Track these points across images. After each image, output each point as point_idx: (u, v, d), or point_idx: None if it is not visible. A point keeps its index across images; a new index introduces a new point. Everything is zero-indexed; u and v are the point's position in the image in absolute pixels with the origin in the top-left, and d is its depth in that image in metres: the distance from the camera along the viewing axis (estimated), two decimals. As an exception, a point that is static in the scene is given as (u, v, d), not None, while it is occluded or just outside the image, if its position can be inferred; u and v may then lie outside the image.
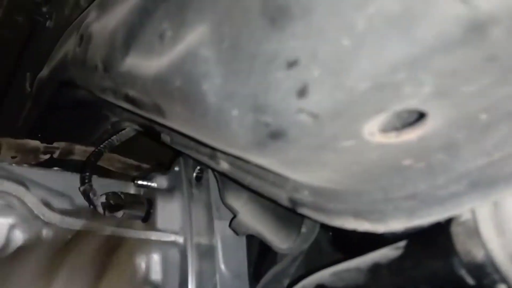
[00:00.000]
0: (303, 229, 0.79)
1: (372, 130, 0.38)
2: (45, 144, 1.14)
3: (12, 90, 1.42)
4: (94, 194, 1.03)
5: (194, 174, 1.09)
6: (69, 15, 1.16)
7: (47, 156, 1.15)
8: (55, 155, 1.17)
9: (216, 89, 0.45)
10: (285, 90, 0.37)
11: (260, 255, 1.03)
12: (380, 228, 0.50)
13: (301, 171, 0.49)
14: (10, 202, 0.80)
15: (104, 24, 0.80)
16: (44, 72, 1.15)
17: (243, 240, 1.05)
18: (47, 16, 1.23)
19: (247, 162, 0.57)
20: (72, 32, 1.00)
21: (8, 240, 0.79)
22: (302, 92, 0.36)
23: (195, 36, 0.50)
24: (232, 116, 0.42)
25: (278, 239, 0.86)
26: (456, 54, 0.29)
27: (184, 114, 0.51)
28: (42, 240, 0.84)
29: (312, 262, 0.91)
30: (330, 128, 0.37)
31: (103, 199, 1.04)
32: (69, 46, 1.00)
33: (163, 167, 1.21)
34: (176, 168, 1.13)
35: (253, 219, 0.89)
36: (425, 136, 0.38)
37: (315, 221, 0.61)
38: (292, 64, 0.36)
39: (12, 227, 0.81)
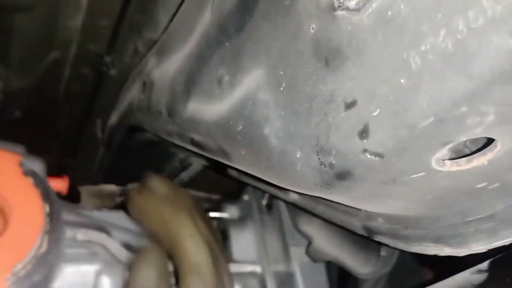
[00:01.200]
0: (383, 252, 0.78)
1: (441, 160, 0.37)
2: (120, 187, 1.20)
3: (85, 138, 1.51)
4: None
5: (264, 202, 1.10)
6: (130, 62, 1.22)
7: (123, 198, 1.20)
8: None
9: (277, 132, 0.45)
10: (346, 131, 0.37)
11: (340, 280, 1.02)
12: (462, 251, 0.48)
13: (373, 204, 0.49)
14: (94, 250, 0.84)
15: (164, 71, 0.84)
16: (113, 118, 1.21)
17: (322, 266, 1.03)
18: (110, 65, 1.30)
19: (316, 194, 0.57)
20: (135, 79, 1.05)
21: (96, 287, 0.82)
22: (363, 133, 0.35)
23: (252, 81, 0.51)
24: (296, 158, 0.43)
25: (357, 264, 0.84)
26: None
27: (248, 157, 0.52)
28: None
29: (397, 281, 0.89)
30: (397, 165, 0.37)
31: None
32: (133, 93, 1.05)
33: (233, 197, 1.23)
34: (246, 197, 1.14)
35: (329, 245, 0.88)
36: (496, 159, 0.36)
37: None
38: (350, 105, 0.36)
39: (98, 273, 0.85)
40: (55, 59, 1.34)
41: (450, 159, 0.38)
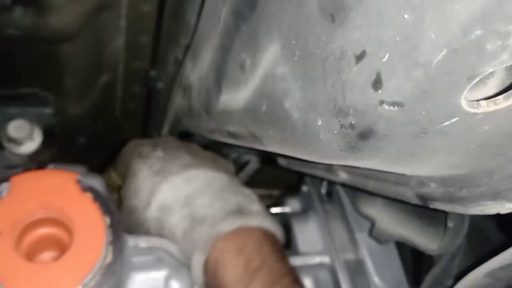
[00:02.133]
0: (450, 224, 0.72)
1: (474, 101, 0.33)
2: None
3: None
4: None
5: (324, 190, 1.07)
6: (173, 71, 1.24)
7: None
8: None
9: (297, 104, 0.43)
10: (360, 85, 0.34)
11: (415, 259, 0.96)
12: (527, 205, 0.43)
13: (414, 164, 0.45)
14: (159, 256, 0.86)
15: (199, 71, 0.84)
16: (165, 129, 1.24)
17: (392, 248, 0.98)
18: (156, 78, 1.33)
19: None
20: (177, 87, 1.07)
21: (167, 292, 0.84)
22: (377, 83, 0.33)
23: (269, 57, 0.50)
24: (318, 126, 0.40)
25: (425, 240, 0.79)
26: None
27: (276, 136, 0.50)
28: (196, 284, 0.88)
29: (479, 251, 0.82)
30: (422, 112, 0.33)
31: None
32: (177, 100, 1.07)
33: (293, 190, 1.21)
34: (305, 188, 1.12)
35: (393, 224, 0.83)
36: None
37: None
38: (360, 56, 0.33)
39: (168, 279, 0.86)
40: (107, 81, 1.39)
41: (485, 98, 0.34)
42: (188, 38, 1.10)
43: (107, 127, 1.56)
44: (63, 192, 0.78)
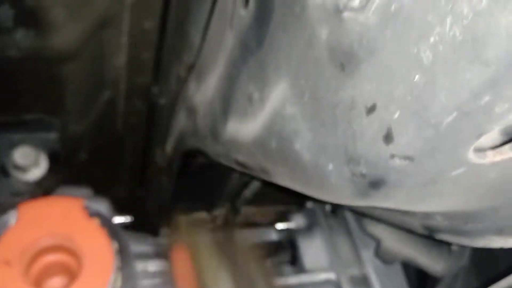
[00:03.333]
0: (454, 247, 0.73)
1: (481, 152, 0.33)
2: (209, 214, 1.22)
3: (148, 167, 1.55)
4: (238, 249, 1.06)
5: (328, 207, 1.07)
6: (175, 88, 1.25)
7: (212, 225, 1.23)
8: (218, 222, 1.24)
9: (308, 145, 0.44)
10: (371, 137, 0.35)
11: (419, 278, 0.96)
12: (531, 241, 0.44)
13: (421, 205, 0.45)
14: (167, 279, 0.87)
15: (204, 94, 0.85)
16: (168, 146, 1.24)
17: (397, 265, 0.99)
18: (158, 94, 1.33)
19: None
20: (180, 106, 1.07)
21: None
22: (388, 137, 0.33)
23: (278, 94, 0.50)
24: (329, 170, 0.41)
25: (429, 261, 0.79)
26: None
27: (287, 173, 0.50)
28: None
29: (486, 270, 0.82)
30: (431, 165, 0.34)
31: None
32: (181, 119, 1.07)
33: (299, 206, 1.21)
34: (310, 204, 1.12)
35: (398, 244, 0.84)
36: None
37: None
38: (371, 109, 0.34)
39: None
40: (108, 97, 1.40)
41: (492, 148, 0.34)
42: (190, 56, 1.11)
43: (109, 142, 1.57)
44: (70, 218, 0.78)
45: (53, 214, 0.78)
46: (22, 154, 0.80)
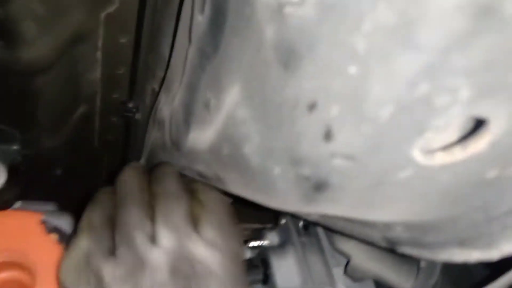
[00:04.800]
0: (422, 263, 0.70)
1: (426, 152, 0.32)
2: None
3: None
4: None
5: (301, 223, 1.05)
6: (150, 102, 1.23)
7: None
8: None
9: (256, 150, 0.42)
10: (312, 136, 0.33)
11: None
12: (493, 254, 0.41)
13: (374, 212, 0.43)
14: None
15: (170, 106, 0.83)
16: (142, 160, 1.22)
17: (370, 283, 0.96)
18: (134, 110, 1.32)
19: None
20: (153, 120, 1.06)
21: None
22: (328, 135, 0.31)
23: (231, 99, 0.49)
24: (275, 174, 0.39)
25: (399, 279, 0.77)
26: (477, 46, 0.23)
27: (238, 180, 0.48)
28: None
29: (461, 284, 0.80)
30: (374, 165, 0.32)
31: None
32: (153, 133, 1.05)
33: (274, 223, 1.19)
34: (283, 221, 1.10)
35: (367, 261, 0.81)
36: (499, 139, 0.31)
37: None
38: (312, 106, 0.32)
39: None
40: (83, 113, 1.38)
41: (442, 149, 0.33)
42: (163, 70, 1.10)
43: (85, 158, 1.54)
44: (26, 233, 0.75)
45: (8, 228, 0.75)
46: (-21, 166, 0.77)
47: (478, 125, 0.29)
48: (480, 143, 0.31)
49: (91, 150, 1.50)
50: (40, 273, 0.73)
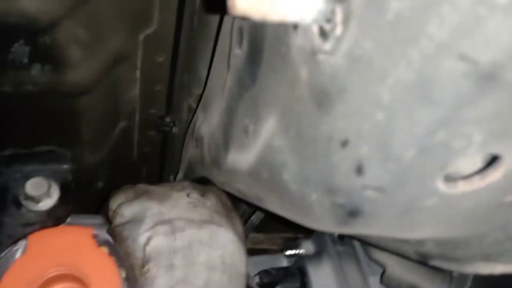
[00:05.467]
0: (455, 273, 0.73)
1: (451, 183, 0.35)
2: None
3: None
4: (248, 276, 1.07)
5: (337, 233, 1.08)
6: (187, 118, 1.29)
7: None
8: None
9: (294, 177, 0.46)
10: (345, 169, 0.37)
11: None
12: (516, 268, 0.45)
13: (405, 233, 0.47)
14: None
15: (208, 125, 0.88)
16: (180, 174, 1.28)
17: (406, 292, 0.98)
18: (171, 124, 1.37)
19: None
20: (191, 135, 1.11)
21: None
22: (359, 170, 0.35)
23: (268, 128, 0.53)
24: (312, 200, 0.43)
25: (433, 287, 0.79)
26: (484, 103, 0.27)
27: (277, 202, 0.53)
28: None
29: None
30: (402, 196, 0.36)
31: (257, 279, 1.08)
32: (191, 148, 1.11)
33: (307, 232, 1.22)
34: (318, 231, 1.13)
35: (403, 271, 0.84)
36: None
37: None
38: (344, 143, 0.36)
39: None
40: (123, 128, 1.44)
41: (463, 178, 0.36)
42: (199, 89, 1.15)
43: (125, 171, 1.61)
44: (79, 247, 0.81)
45: (62, 243, 0.81)
46: (34, 185, 0.84)
47: (494, 158, 0.33)
48: (496, 174, 0.34)
49: (130, 163, 1.57)
50: (92, 284, 0.79)
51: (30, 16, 0.98)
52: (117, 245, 0.83)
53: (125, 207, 0.85)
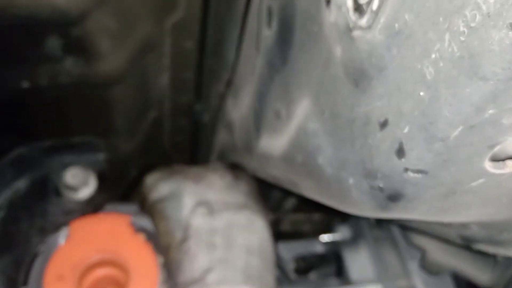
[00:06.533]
0: (498, 258, 0.70)
1: (500, 162, 0.33)
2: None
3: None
4: (283, 261, 1.07)
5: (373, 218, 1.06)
6: (216, 104, 1.28)
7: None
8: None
9: (330, 160, 0.44)
10: (385, 151, 0.35)
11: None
12: None
13: (449, 216, 0.45)
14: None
15: (239, 110, 0.87)
16: (211, 161, 1.28)
17: (447, 277, 0.96)
18: (201, 112, 1.37)
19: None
20: (221, 122, 1.10)
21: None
22: (400, 151, 0.33)
23: (301, 111, 0.51)
24: (349, 184, 0.42)
25: (475, 272, 0.77)
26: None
27: (312, 187, 0.51)
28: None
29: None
30: (446, 177, 0.34)
31: (292, 263, 1.08)
32: (221, 134, 1.10)
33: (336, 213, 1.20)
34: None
35: (443, 255, 0.82)
36: None
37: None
38: (383, 124, 0.35)
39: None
40: (154, 117, 1.45)
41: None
42: (227, 74, 1.14)
43: (157, 159, 1.62)
44: (117, 234, 0.82)
45: (101, 230, 0.82)
46: (72, 175, 0.85)
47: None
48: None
49: (162, 152, 1.58)
50: (132, 269, 0.80)
51: (61, 9, 0.99)
52: (156, 221, 0.85)
53: (162, 183, 0.87)
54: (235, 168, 0.99)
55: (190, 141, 1.55)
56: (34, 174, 0.89)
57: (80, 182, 0.86)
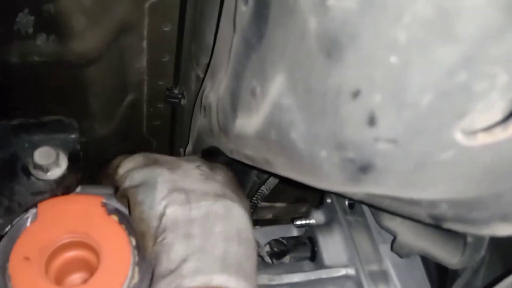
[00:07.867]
0: (469, 239, 0.71)
1: (470, 133, 0.33)
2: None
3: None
4: (258, 245, 1.07)
5: (346, 202, 1.07)
6: (195, 88, 1.27)
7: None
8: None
9: (302, 135, 0.44)
10: (356, 122, 0.35)
11: (440, 271, 0.95)
12: (537, 228, 0.43)
13: (418, 191, 0.45)
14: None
15: (216, 92, 0.86)
16: (189, 147, 1.26)
17: (417, 259, 0.97)
18: (179, 96, 1.36)
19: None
20: (198, 105, 1.09)
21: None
22: (371, 121, 0.33)
23: (276, 87, 0.51)
24: (322, 158, 0.41)
25: (445, 254, 0.78)
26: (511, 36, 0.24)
27: (286, 164, 0.51)
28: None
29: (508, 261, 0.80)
30: (417, 147, 0.34)
31: (267, 248, 1.08)
32: (199, 119, 1.09)
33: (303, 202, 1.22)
34: (329, 200, 1.12)
35: (413, 238, 0.83)
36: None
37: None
38: (355, 94, 0.34)
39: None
40: (132, 100, 1.43)
41: (483, 129, 0.34)
42: (206, 57, 1.13)
43: (135, 144, 1.60)
44: (89, 215, 0.81)
45: (72, 211, 0.80)
46: (42, 154, 0.83)
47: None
48: (521, 123, 0.32)
49: (140, 136, 1.56)
50: (103, 251, 0.78)
51: (33, -16, 0.97)
52: (130, 208, 0.83)
53: (135, 172, 0.84)
54: (213, 154, 0.98)
55: (169, 126, 1.54)
56: (2, 153, 0.86)
57: (50, 162, 0.83)
